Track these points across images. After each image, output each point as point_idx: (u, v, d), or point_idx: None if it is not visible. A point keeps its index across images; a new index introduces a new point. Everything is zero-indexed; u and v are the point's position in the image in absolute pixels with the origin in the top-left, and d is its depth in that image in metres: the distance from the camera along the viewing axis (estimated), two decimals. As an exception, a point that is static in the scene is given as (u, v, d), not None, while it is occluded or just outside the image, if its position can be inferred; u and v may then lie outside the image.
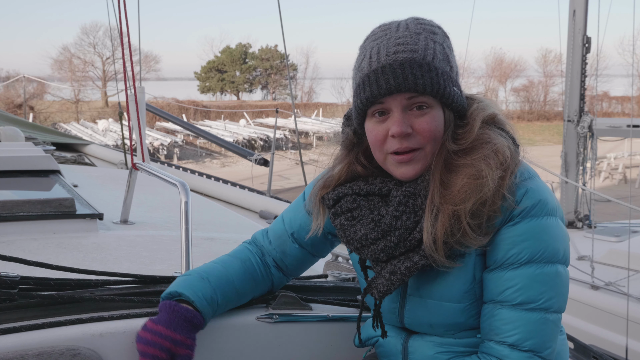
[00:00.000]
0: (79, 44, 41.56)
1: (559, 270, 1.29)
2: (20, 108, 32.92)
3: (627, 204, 6.39)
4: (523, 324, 1.27)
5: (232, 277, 1.53)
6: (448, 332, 1.38)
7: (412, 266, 1.30)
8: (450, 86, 1.32)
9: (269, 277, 1.61)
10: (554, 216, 1.31)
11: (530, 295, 1.27)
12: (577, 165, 8.33)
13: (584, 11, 8.27)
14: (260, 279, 1.59)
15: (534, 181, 1.33)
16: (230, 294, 1.52)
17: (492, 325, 1.31)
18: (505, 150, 1.30)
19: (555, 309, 1.29)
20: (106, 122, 30.10)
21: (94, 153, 6.42)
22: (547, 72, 42.20)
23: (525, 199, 1.28)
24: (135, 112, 2.90)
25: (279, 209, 4.25)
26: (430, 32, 1.33)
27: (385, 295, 1.35)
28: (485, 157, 1.28)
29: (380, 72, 1.29)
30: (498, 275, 1.30)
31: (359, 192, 1.40)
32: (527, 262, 1.28)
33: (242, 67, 49.09)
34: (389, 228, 1.32)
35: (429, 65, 1.29)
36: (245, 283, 1.55)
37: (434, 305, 1.36)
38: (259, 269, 1.59)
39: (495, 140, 1.31)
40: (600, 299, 6.11)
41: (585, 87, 8.38)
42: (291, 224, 1.58)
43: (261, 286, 1.60)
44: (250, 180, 6.53)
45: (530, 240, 1.28)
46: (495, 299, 1.30)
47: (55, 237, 2.25)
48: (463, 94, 1.38)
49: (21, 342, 1.35)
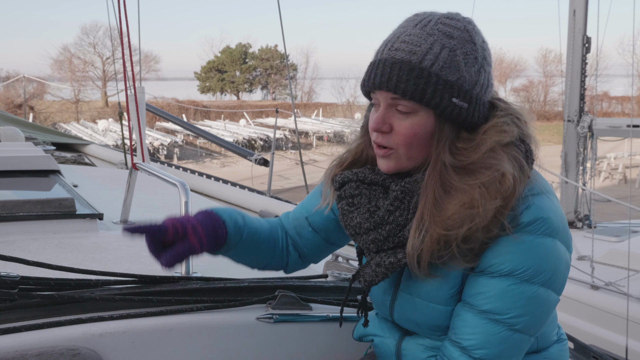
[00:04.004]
0: (79, 44, 41.57)
1: (538, 292, 1.23)
2: (20, 108, 32.91)
3: (627, 204, 6.38)
4: (482, 332, 1.25)
5: (259, 230, 1.54)
6: (434, 334, 1.38)
7: (396, 262, 1.30)
8: (446, 97, 1.24)
9: (287, 252, 1.61)
10: (553, 237, 1.24)
11: (497, 307, 1.24)
12: (577, 165, 8.33)
13: (584, 11, 8.27)
14: (279, 249, 1.60)
15: (542, 198, 1.26)
16: (253, 243, 1.51)
17: (454, 324, 1.30)
18: (508, 179, 1.21)
19: (521, 328, 1.24)
20: (106, 122, 30.08)
21: (94, 153, 6.42)
22: (547, 72, 42.23)
23: (525, 214, 1.23)
24: (135, 112, 2.91)
25: (279, 209, 4.26)
26: (447, 34, 1.25)
27: (370, 285, 1.35)
28: (483, 185, 1.21)
29: (376, 65, 1.28)
30: (476, 278, 1.27)
31: (363, 179, 1.39)
32: (507, 274, 1.23)
33: (242, 67, 49.08)
34: (381, 221, 1.32)
35: (423, 70, 1.23)
36: (267, 242, 1.56)
37: (421, 305, 1.35)
38: (281, 240, 1.60)
39: (500, 165, 1.22)
40: (600, 299, 6.11)
41: (585, 87, 8.38)
42: (308, 207, 1.59)
43: (279, 256, 1.60)
44: (250, 180, 6.53)
45: (516, 254, 1.22)
46: (466, 300, 1.29)
47: (55, 237, 2.25)
48: (476, 107, 1.27)
49: (21, 342, 1.35)
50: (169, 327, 1.52)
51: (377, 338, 1.51)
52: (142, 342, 1.48)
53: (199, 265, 2.00)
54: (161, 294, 1.60)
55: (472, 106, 1.27)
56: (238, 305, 1.63)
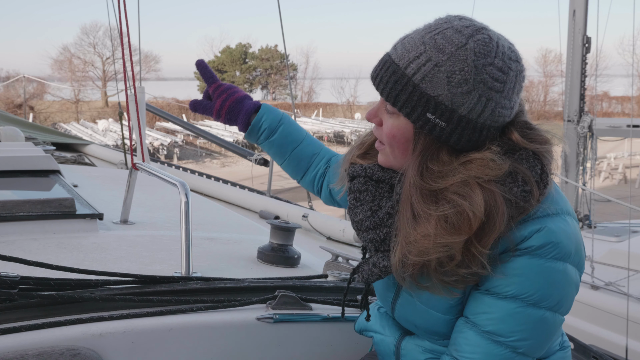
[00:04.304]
0: (79, 44, 41.66)
1: (544, 316, 1.21)
2: (20, 108, 32.92)
3: (627, 204, 6.39)
4: (483, 352, 1.23)
5: (296, 144, 1.74)
6: (432, 338, 1.38)
7: (389, 267, 1.29)
8: (419, 109, 1.19)
9: (319, 185, 1.76)
10: (564, 262, 1.20)
11: (501, 329, 1.21)
12: (577, 165, 8.33)
13: (584, 11, 8.27)
14: (311, 177, 1.77)
15: (557, 220, 1.21)
16: (286, 150, 1.74)
17: (456, 340, 1.29)
18: (467, 215, 1.14)
19: (524, 351, 1.22)
20: (106, 122, 30.11)
21: (94, 153, 6.42)
22: (547, 72, 42.25)
23: (536, 237, 1.18)
24: (135, 112, 2.90)
25: (279, 209, 4.26)
26: (439, 49, 1.18)
27: (366, 281, 1.36)
28: (440, 218, 1.16)
29: (380, 58, 1.29)
30: (480, 297, 1.25)
31: (371, 175, 1.38)
32: (512, 297, 1.20)
33: (242, 67, 49.10)
34: (380, 222, 1.31)
35: (404, 77, 1.20)
36: (302, 160, 1.76)
37: (421, 309, 1.35)
38: (316, 172, 1.76)
39: (461, 202, 1.15)
40: (600, 299, 6.11)
41: (585, 87, 8.38)
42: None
43: (309, 181, 1.77)
44: (250, 180, 6.52)
45: (523, 277, 1.19)
46: (469, 317, 1.27)
47: (55, 237, 2.25)
48: (459, 129, 1.19)
49: (21, 342, 1.35)
50: (169, 327, 1.52)
51: (377, 335, 1.51)
52: (142, 342, 1.48)
53: (199, 265, 2.00)
54: (161, 294, 1.60)
55: (453, 127, 1.20)
56: (238, 305, 1.63)
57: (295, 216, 4.07)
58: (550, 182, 1.25)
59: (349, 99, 45.03)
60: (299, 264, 2.23)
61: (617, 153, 21.58)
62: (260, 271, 2.10)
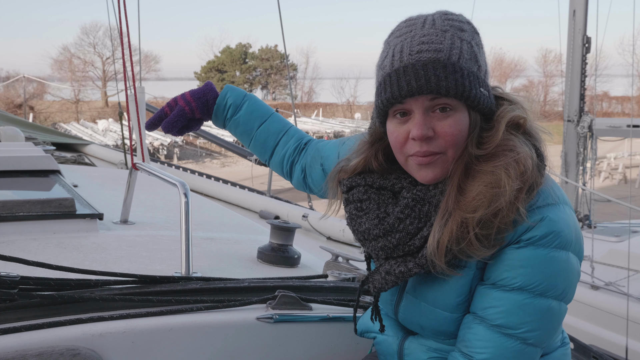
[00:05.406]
0: (79, 44, 41.67)
1: (551, 306, 1.23)
2: (20, 108, 32.93)
3: (627, 204, 6.39)
4: (495, 346, 1.24)
5: (263, 119, 1.74)
6: (437, 337, 1.37)
7: (406, 272, 1.29)
8: (476, 87, 1.24)
9: (290, 165, 1.75)
10: (566, 250, 1.23)
11: (510, 321, 1.23)
12: (577, 165, 8.33)
13: (584, 11, 8.27)
14: (281, 156, 1.75)
15: (556, 209, 1.25)
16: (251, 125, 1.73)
17: (466, 337, 1.29)
18: (527, 160, 1.22)
19: (534, 341, 1.24)
20: (106, 122, 30.10)
21: (94, 153, 6.42)
22: (547, 72, 42.29)
23: (539, 227, 1.22)
24: (135, 112, 2.91)
25: (279, 209, 4.26)
26: (458, 28, 1.25)
27: (379, 291, 1.35)
28: (506, 166, 1.21)
29: (402, 72, 1.23)
30: (487, 291, 1.26)
31: (372, 184, 1.37)
32: (519, 288, 1.22)
33: (242, 67, 49.11)
34: (390, 228, 1.30)
35: (454, 66, 1.21)
36: (270, 137, 1.75)
37: (427, 310, 1.35)
38: (288, 150, 1.74)
39: (519, 148, 1.23)
40: (600, 299, 6.11)
41: (585, 87, 8.38)
42: (326, 154, 1.66)
43: (279, 161, 1.77)
44: (250, 180, 6.52)
45: (528, 269, 1.22)
46: (477, 313, 1.28)
47: (55, 237, 2.25)
48: (491, 95, 1.30)
49: (21, 342, 1.35)
50: (169, 327, 1.52)
51: (379, 335, 1.50)
52: (142, 342, 1.48)
53: (199, 265, 2.00)
54: (161, 294, 1.61)
55: (489, 93, 1.29)
56: (238, 305, 1.63)
57: (295, 216, 4.07)
58: (547, 165, 1.31)
59: (348, 99, 45.04)
60: (299, 264, 2.23)
61: (617, 153, 21.59)
62: (260, 271, 2.10)
